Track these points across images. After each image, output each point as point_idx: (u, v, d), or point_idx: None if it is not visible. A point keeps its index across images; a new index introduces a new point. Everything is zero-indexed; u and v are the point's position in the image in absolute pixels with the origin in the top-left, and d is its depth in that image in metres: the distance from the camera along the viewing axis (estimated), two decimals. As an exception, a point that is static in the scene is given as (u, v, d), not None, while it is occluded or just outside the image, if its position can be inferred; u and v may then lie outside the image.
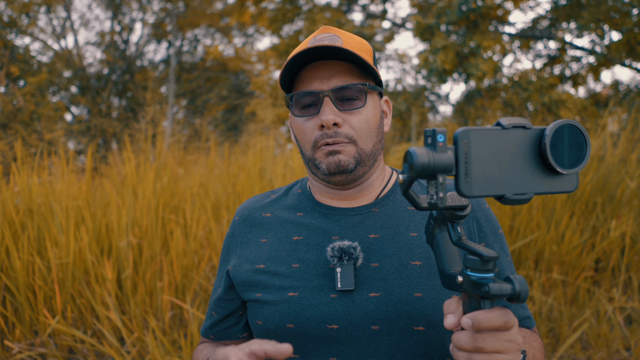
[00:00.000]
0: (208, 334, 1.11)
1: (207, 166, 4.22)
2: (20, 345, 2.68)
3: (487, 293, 0.63)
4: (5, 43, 12.47)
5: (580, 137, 0.61)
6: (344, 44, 0.94)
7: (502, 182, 0.60)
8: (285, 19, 11.94)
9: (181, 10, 16.78)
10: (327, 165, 0.93)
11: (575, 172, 0.62)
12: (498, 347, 0.64)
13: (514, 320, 0.66)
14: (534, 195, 0.61)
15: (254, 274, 0.99)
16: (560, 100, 7.98)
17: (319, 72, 0.94)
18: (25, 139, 5.85)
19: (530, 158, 0.61)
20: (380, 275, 0.91)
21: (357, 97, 0.94)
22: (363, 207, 0.99)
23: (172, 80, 15.68)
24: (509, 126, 0.60)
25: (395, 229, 0.96)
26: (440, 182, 0.61)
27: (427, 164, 0.59)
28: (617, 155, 4.01)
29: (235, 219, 1.09)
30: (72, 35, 21.28)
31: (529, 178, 0.61)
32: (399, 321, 0.89)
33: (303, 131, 0.96)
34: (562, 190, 0.63)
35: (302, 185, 1.08)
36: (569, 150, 0.61)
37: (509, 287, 0.62)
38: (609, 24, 7.82)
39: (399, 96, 10.86)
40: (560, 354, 2.78)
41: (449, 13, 8.64)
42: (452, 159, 0.60)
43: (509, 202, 0.61)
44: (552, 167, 0.61)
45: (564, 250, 3.22)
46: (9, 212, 3.02)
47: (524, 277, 0.64)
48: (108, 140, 12.96)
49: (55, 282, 2.77)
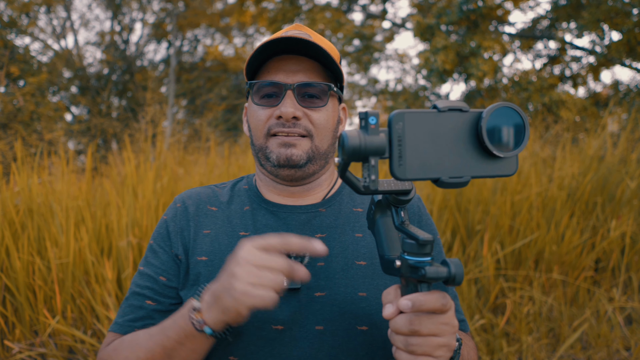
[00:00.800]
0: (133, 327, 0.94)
1: (207, 166, 4.22)
2: (20, 345, 2.68)
3: (424, 276, 0.63)
4: (5, 43, 12.47)
5: (519, 119, 0.60)
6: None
7: (437, 166, 0.59)
8: (285, 19, 11.94)
9: (181, 10, 16.78)
10: (278, 156, 0.92)
11: (514, 155, 0.61)
12: (434, 330, 0.65)
13: (451, 304, 0.67)
14: (471, 178, 0.61)
15: (194, 266, 0.94)
16: (561, 101, 7.98)
17: (286, 65, 0.94)
18: (25, 139, 5.85)
19: (468, 141, 0.60)
20: (325, 274, 0.91)
21: (319, 96, 0.94)
22: (310, 206, 0.98)
23: (172, 80, 15.68)
24: (445, 109, 0.60)
25: (342, 229, 0.96)
26: (372, 165, 0.60)
27: (357, 147, 0.58)
28: (617, 155, 4.01)
29: (177, 205, 1.02)
30: (72, 35, 21.29)
31: (466, 161, 0.60)
32: (343, 321, 0.88)
33: (258, 118, 0.95)
34: (501, 174, 0.62)
35: (248, 181, 1.06)
36: (507, 133, 0.60)
37: (445, 270, 0.63)
38: (609, 24, 7.82)
39: (399, 96, 10.85)
40: (560, 354, 2.78)
41: (449, 13, 8.64)
42: (384, 141, 0.59)
43: (445, 186, 0.60)
44: (489, 151, 0.60)
45: (564, 250, 3.22)
46: (9, 212, 3.02)
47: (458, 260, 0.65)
48: (108, 140, 12.96)
49: (55, 282, 2.77)
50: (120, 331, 0.94)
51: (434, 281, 0.64)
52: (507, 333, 2.97)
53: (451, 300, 0.68)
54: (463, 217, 3.48)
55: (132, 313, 0.95)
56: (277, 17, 12.06)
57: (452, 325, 0.68)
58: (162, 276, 0.96)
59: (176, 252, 0.97)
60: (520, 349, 2.83)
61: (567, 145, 4.30)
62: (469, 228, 3.44)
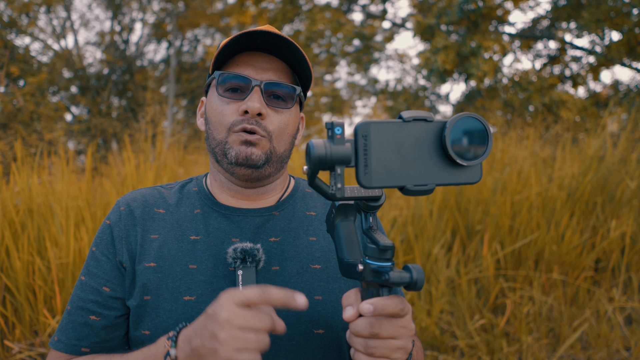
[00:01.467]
0: (80, 346, 0.89)
1: (207, 166, 4.22)
2: (20, 345, 2.68)
3: (387, 281, 0.65)
4: (5, 43, 12.47)
5: (482, 129, 0.62)
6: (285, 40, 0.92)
7: (402, 174, 0.61)
8: (285, 19, 11.94)
9: (181, 10, 16.78)
10: (237, 153, 0.89)
11: (477, 164, 0.63)
12: (393, 333, 0.67)
13: (409, 308, 0.70)
14: (436, 186, 0.63)
15: (141, 273, 0.89)
16: (561, 101, 7.98)
17: (256, 61, 0.92)
18: (25, 139, 5.85)
19: (432, 150, 0.62)
20: (281, 278, 0.90)
21: (285, 98, 0.93)
22: (264, 210, 0.96)
23: (172, 80, 15.68)
24: (410, 119, 0.62)
25: (295, 233, 0.95)
26: (338, 173, 0.62)
27: (323, 156, 0.60)
28: (617, 155, 4.01)
29: (121, 209, 0.95)
30: (72, 35, 21.29)
31: (431, 170, 0.62)
32: (299, 325, 0.88)
33: (221, 113, 0.91)
34: (466, 182, 0.64)
35: (197, 183, 1.02)
36: (470, 142, 0.62)
37: (407, 276, 0.65)
38: (609, 24, 7.82)
39: (399, 96, 10.86)
40: (560, 354, 2.78)
41: (450, 13, 8.64)
42: (350, 151, 0.61)
43: (410, 193, 0.62)
44: (453, 160, 0.62)
45: (564, 250, 3.22)
46: (9, 212, 3.02)
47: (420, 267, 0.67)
48: (108, 140, 12.96)
49: (55, 282, 2.77)
50: (66, 351, 0.90)
51: (396, 286, 0.66)
52: (507, 333, 2.97)
53: (408, 304, 0.70)
54: (463, 217, 3.48)
55: (77, 330, 0.90)
56: (277, 17, 12.06)
57: (410, 328, 0.70)
58: (106, 286, 0.90)
59: (120, 260, 0.91)
60: (520, 349, 2.83)
61: (567, 145, 4.30)
62: (469, 228, 3.44)
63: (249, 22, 13.51)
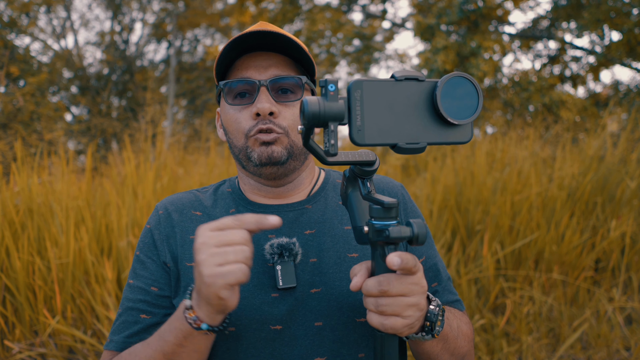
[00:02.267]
0: (131, 343, 0.91)
1: (207, 166, 4.22)
2: (20, 345, 2.68)
3: (388, 237, 0.66)
4: (5, 43, 12.47)
5: (472, 89, 0.63)
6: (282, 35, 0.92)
7: (394, 132, 0.62)
8: (285, 19, 11.94)
9: (181, 10, 16.77)
10: (259, 155, 0.91)
11: (468, 123, 0.64)
12: (403, 290, 0.68)
13: (420, 266, 0.69)
14: (427, 145, 0.64)
15: (184, 272, 0.92)
16: (561, 101, 7.98)
17: (256, 61, 0.92)
18: (25, 139, 5.85)
19: (424, 109, 0.63)
20: (319, 270, 0.91)
21: (292, 90, 0.93)
22: (297, 204, 0.97)
23: (172, 80, 15.68)
24: (402, 78, 0.62)
25: (330, 224, 0.96)
26: (332, 130, 0.62)
27: (317, 112, 0.60)
28: (617, 155, 4.01)
29: (159, 212, 0.99)
30: (72, 35, 21.28)
31: (423, 128, 0.63)
32: (341, 315, 0.89)
33: (236, 121, 0.92)
34: (456, 141, 0.65)
35: (230, 184, 1.04)
36: (461, 101, 0.63)
37: (408, 230, 0.66)
38: (609, 24, 7.83)
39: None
40: (560, 354, 2.78)
41: (450, 13, 8.64)
42: (343, 107, 0.61)
43: (402, 151, 0.63)
44: (444, 118, 0.63)
45: (564, 250, 3.22)
46: (9, 212, 3.02)
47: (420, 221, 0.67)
48: (108, 140, 12.96)
49: (55, 282, 2.77)
50: (117, 349, 0.92)
51: (398, 241, 0.67)
52: (507, 333, 2.97)
53: (419, 263, 0.70)
54: (463, 217, 3.48)
55: (127, 329, 0.93)
56: (277, 17, 12.05)
57: (421, 285, 0.70)
58: (154, 286, 0.94)
59: (164, 260, 0.95)
60: (520, 349, 2.83)
61: (567, 145, 4.30)
62: (469, 228, 3.44)
63: (249, 22, 13.50)
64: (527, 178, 3.67)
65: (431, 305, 0.76)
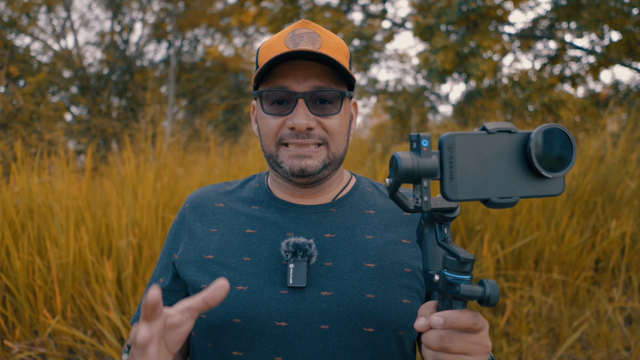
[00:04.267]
0: None
1: (207, 166, 4.22)
2: (20, 345, 2.68)
3: (458, 293, 0.64)
4: (5, 43, 12.47)
5: (566, 140, 0.62)
6: (324, 44, 0.92)
7: (487, 186, 0.61)
8: (285, 18, 11.94)
9: (181, 10, 16.77)
10: (291, 167, 0.92)
11: (561, 176, 0.63)
12: (464, 349, 0.65)
13: (484, 324, 0.67)
14: (520, 198, 0.62)
15: (201, 263, 0.95)
16: (560, 100, 7.98)
17: (296, 70, 0.91)
18: (25, 139, 5.85)
19: (516, 162, 0.62)
20: (333, 274, 0.91)
21: (331, 102, 0.92)
22: (321, 206, 0.98)
23: (172, 80, 15.68)
24: (494, 130, 0.61)
25: (351, 231, 0.95)
26: (424, 186, 0.62)
27: (411, 169, 0.60)
28: (617, 155, 4.01)
29: (186, 206, 1.04)
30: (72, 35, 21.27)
31: (515, 182, 0.62)
32: (349, 321, 0.88)
33: (269, 126, 0.93)
34: (549, 194, 0.63)
35: (259, 179, 1.06)
36: (555, 154, 0.62)
37: (479, 290, 0.64)
38: (609, 24, 7.83)
39: (399, 96, 10.86)
40: (560, 354, 2.78)
41: (449, 13, 8.64)
42: (437, 164, 0.60)
43: (495, 206, 0.62)
44: (537, 171, 0.61)
45: (564, 250, 3.22)
46: (9, 212, 3.02)
47: (496, 282, 0.66)
48: (108, 140, 12.96)
49: (55, 282, 2.77)
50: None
51: (468, 299, 0.65)
52: (507, 333, 2.97)
53: (484, 320, 0.68)
54: (463, 217, 3.48)
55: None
56: (277, 17, 12.06)
57: (484, 345, 0.67)
58: (162, 278, 1.02)
59: (176, 253, 1.00)
60: (520, 349, 2.83)
61: (567, 145, 4.29)
62: (469, 228, 3.44)
63: (249, 22, 13.51)
64: (527, 178, 3.67)
65: None
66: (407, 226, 0.98)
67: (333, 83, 0.93)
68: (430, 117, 11.92)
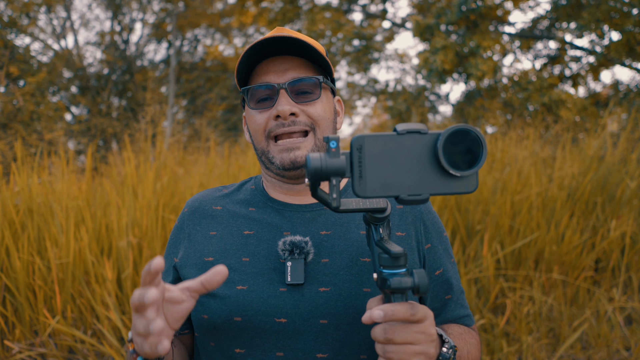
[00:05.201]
0: None
1: (207, 166, 4.22)
2: (20, 345, 2.68)
3: (389, 287, 0.68)
4: (5, 43, 12.47)
5: (476, 140, 0.64)
6: (298, 37, 0.95)
7: (396, 184, 0.64)
8: (286, 18, 11.94)
9: (181, 10, 16.77)
10: (281, 161, 0.95)
11: (472, 174, 0.65)
12: (408, 339, 0.69)
13: (425, 314, 0.70)
14: (430, 195, 0.65)
15: (201, 266, 0.98)
16: (560, 100, 7.98)
17: (274, 65, 0.96)
18: (25, 139, 5.85)
19: (427, 161, 0.65)
20: (330, 270, 0.93)
21: (311, 91, 0.96)
22: (315, 205, 1.01)
23: (172, 80, 15.68)
24: (404, 132, 0.64)
25: (346, 227, 0.98)
26: (334, 184, 0.66)
27: (319, 168, 0.64)
28: (617, 155, 4.01)
29: (185, 210, 1.07)
30: (72, 35, 21.28)
31: (426, 180, 0.65)
32: (347, 315, 0.90)
33: (257, 121, 0.97)
34: (461, 191, 0.66)
35: (255, 182, 1.09)
36: (463, 153, 0.64)
37: (408, 280, 0.68)
38: (609, 24, 7.83)
39: (399, 96, 10.86)
40: (560, 354, 2.78)
41: (449, 13, 8.65)
42: (344, 163, 0.64)
43: (405, 203, 0.65)
44: (446, 170, 0.64)
45: (564, 250, 3.22)
46: (9, 212, 3.02)
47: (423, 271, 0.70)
48: (108, 140, 12.96)
49: (55, 282, 2.77)
50: None
51: (399, 291, 0.69)
52: (507, 333, 2.97)
53: (425, 310, 0.71)
54: (463, 217, 3.48)
55: None
56: (277, 17, 12.06)
57: (428, 334, 0.71)
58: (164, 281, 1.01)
59: (176, 258, 1.02)
60: (520, 349, 2.83)
61: (567, 145, 4.30)
62: (469, 228, 3.44)
63: (249, 22, 13.50)
64: (527, 178, 3.67)
65: (444, 347, 0.77)
66: (401, 218, 1.00)
67: (311, 73, 0.98)
68: (430, 117, 11.92)
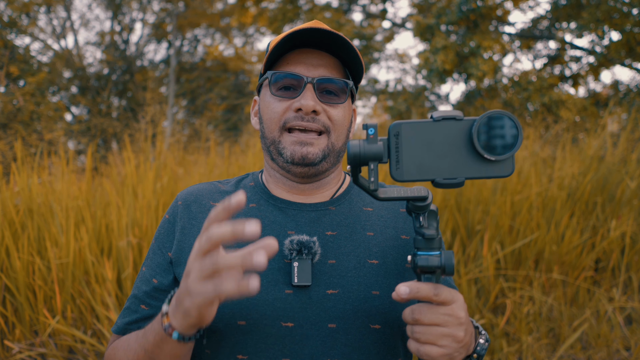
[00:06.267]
0: (129, 330, 0.94)
1: (207, 166, 4.22)
2: (20, 345, 2.68)
3: (416, 265, 0.71)
4: (5, 43, 12.47)
5: (512, 124, 0.67)
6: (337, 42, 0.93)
7: (433, 168, 0.68)
8: (286, 18, 11.94)
9: (181, 10, 16.77)
10: (292, 153, 0.91)
11: (507, 158, 0.67)
12: (435, 320, 0.70)
13: (450, 296, 0.71)
14: (466, 179, 0.68)
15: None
16: (560, 100, 7.98)
17: (307, 58, 0.93)
18: (25, 139, 5.85)
19: (462, 146, 0.68)
20: (337, 272, 0.90)
21: (337, 93, 0.93)
22: (320, 204, 0.97)
23: (172, 80, 15.68)
24: (439, 118, 0.68)
25: (352, 228, 0.95)
26: (371, 169, 0.69)
27: (357, 154, 0.68)
28: (617, 155, 4.01)
29: (178, 203, 0.99)
30: (72, 35, 21.28)
31: (461, 164, 0.68)
32: (356, 319, 0.88)
33: (274, 110, 0.92)
34: (497, 175, 0.69)
35: (253, 178, 1.04)
36: (499, 138, 0.67)
37: (435, 259, 0.71)
38: (609, 24, 7.83)
39: (399, 96, 10.86)
40: (560, 354, 2.78)
41: (449, 13, 8.65)
42: (382, 149, 0.68)
43: (441, 186, 0.68)
44: (482, 155, 0.67)
45: (564, 250, 3.22)
46: (9, 212, 3.02)
47: (453, 251, 0.74)
48: (108, 140, 12.96)
49: (55, 282, 2.77)
50: (118, 332, 0.95)
51: (424, 271, 0.71)
52: (507, 333, 2.97)
53: (452, 293, 0.71)
54: (463, 217, 3.48)
55: (128, 316, 0.95)
56: (277, 17, 12.06)
57: (456, 317, 0.71)
58: (155, 278, 0.95)
59: (170, 252, 0.95)
60: (520, 349, 2.83)
61: (567, 145, 4.30)
62: (469, 228, 3.44)
63: (249, 22, 13.50)
64: (527, 178, 3.67)
65: (480, 339, 0.78)
66: (405, 221, 0.99)
67: (341, 76, 0.95)
68: (430, 117, 11.92)
